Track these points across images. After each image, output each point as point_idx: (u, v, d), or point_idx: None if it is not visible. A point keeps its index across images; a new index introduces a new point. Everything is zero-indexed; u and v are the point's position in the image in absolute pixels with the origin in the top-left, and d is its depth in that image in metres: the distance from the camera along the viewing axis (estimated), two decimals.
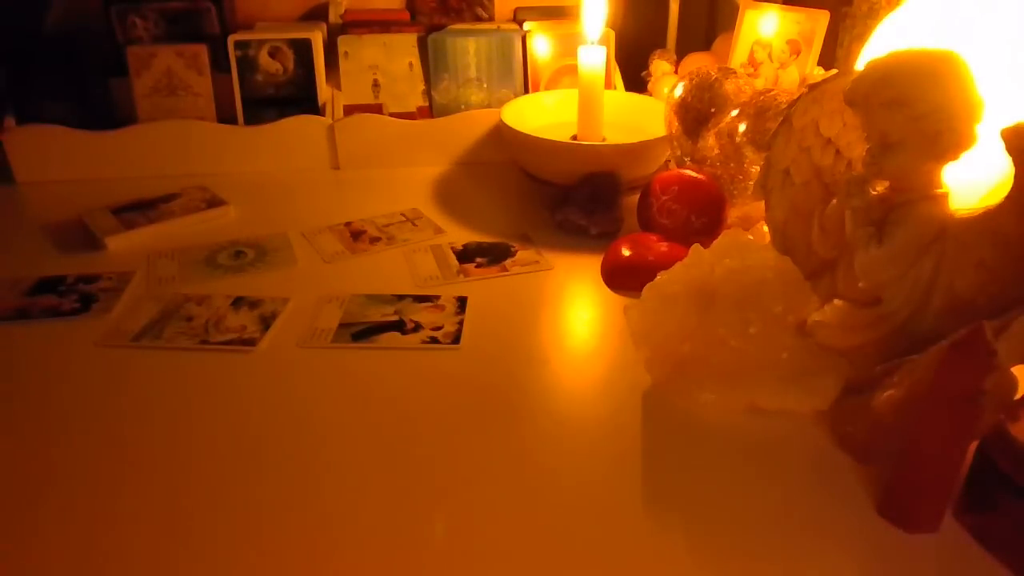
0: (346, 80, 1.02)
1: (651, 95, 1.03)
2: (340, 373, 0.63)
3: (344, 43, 1.00)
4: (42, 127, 0.94)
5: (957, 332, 0.44)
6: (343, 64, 1.01)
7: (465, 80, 1.02)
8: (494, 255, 0.80)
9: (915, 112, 0.49)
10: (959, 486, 0.48)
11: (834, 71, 0.85)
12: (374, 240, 0.83)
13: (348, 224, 0.86)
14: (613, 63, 1.06)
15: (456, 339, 0.66)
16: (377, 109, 1.02)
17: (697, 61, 1.01)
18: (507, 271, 0.77)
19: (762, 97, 0.78)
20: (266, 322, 0.68)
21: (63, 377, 0.62)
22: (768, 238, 0.65)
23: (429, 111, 1.03)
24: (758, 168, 0.71)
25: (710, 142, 0.81)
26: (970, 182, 0.55)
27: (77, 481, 0.52)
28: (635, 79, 1.08)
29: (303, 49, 0.98)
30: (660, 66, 1.04)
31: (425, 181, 0.98)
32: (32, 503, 0.50)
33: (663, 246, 0.74)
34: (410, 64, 1.02)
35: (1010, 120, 0.47)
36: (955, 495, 0.48)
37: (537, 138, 0.87)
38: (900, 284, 0.53)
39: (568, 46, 1.01)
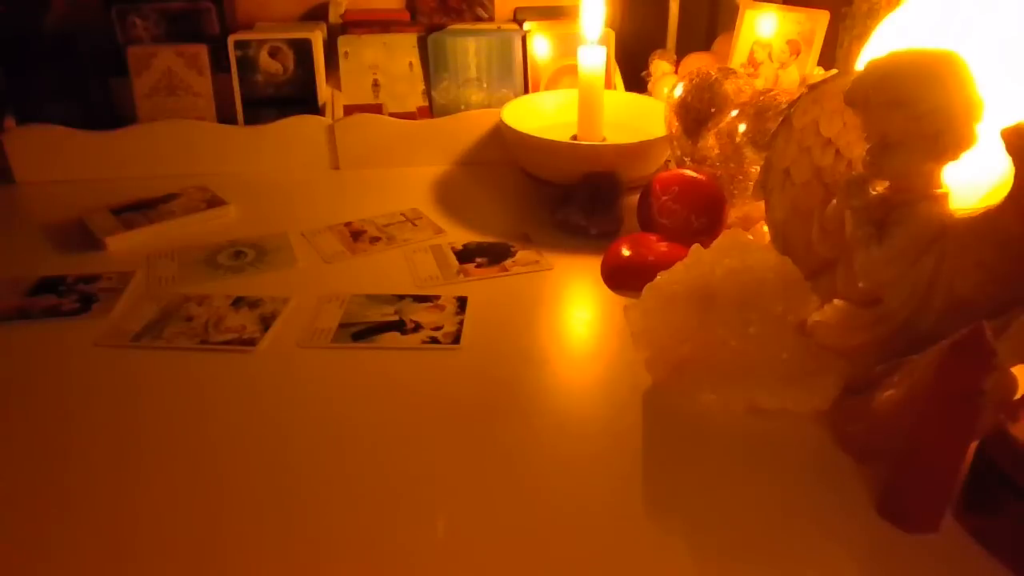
0: (346, 80, 1.02)
1: (651, 95, 1.03)
2: (340, 373, 0.63)
3: (344, 43, 1.00)
4: (42, 127, 0.95)
5: (957, 332, 0.44)
6: (343, 64, 1.01)
7: (465, 80, 1.02)
8: (494, 255, 0.80)
9: (915, 112, 0.49)
10: (959, 486, 0.48)
11: (834, 71, 0.85)
12: (374, 240, 0.83)
13: (348, 224, 0.86)
14: (613, 63, 1.06)
15: (456, 339, 0.66)
16: (377, 109, 1.02)
17: (697, 61, 1.01)
18: (507, 271, 0.77)
19: (762, 97, 0.78)
20: (266, 322, 0.68)
21: (63, 377, 0.62)
22: (768, 238, 0.65)
23: (429, 111, 1.03)
24: (758, 168, 0.71)
25: (710, 142, 0.81)
26: (970, 182, 0.55)
27: (77, 481, 0.52)
28: (635, 79, 1.08)
29: (303, 49, 0.98)
30: (660, 66, 1.04)
31: (425, 181, 0.98)
32: (32, 503, 0.50)
33: (663, 246, 0.74)
34: (410, 64, 1.02)
35: (1010, 120, 0.47)
36: (955, 495, 0.48)
37: (537, 138, 0.87)
38: (900, 284, 0.53)
39: (568, 46, 1.01)
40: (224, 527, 0.48)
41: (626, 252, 0.74)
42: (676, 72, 1.03)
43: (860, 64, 0.56)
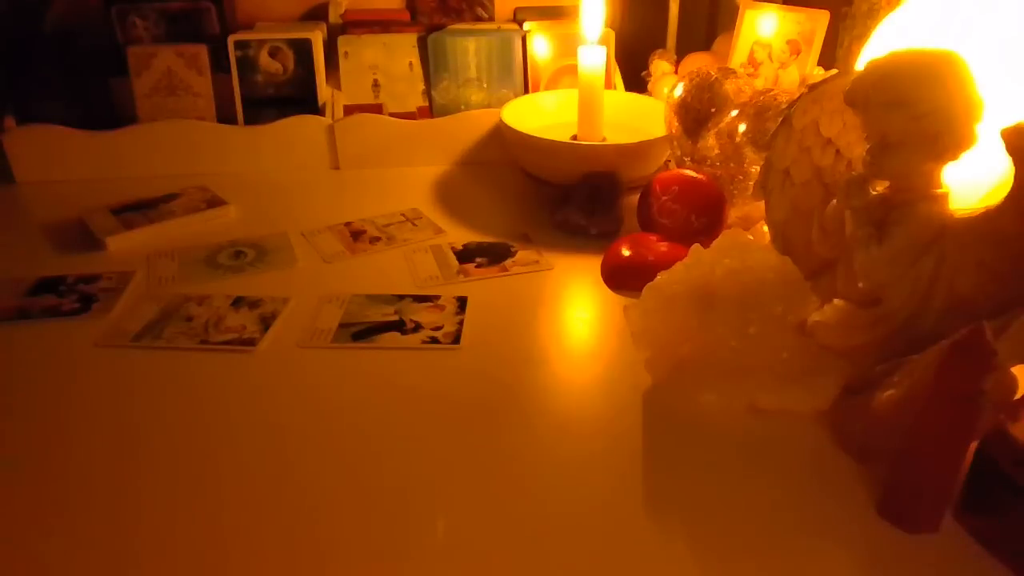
0: (346, 80, 1.02)
1: (651, 95, 1.03)
2: (340, 373, 0.63)
3: (344, 43, 1.00)
4: (42, 127, 0.94)
5: (957, 332, 0.44)
6: (343, 64, 1.01)
7: (465, 80, 1.02)
8: (494, 255, 0.80)
9: (915, 112, 0.49)
10: (959, 486, 0.48)
11: (834, 71, 0.85)
12: (374, 240, 0.83)
13: (348, 224, 0.86)
14: (613, 63, 1.06)
15: (456, 339, 0.66)
16: (377, 109, 1.02)
17: (697, 61, 1.01)
18: (507, 271, 0.77)
19: (762, 97, 0.78)
20: (266, 322, 0.68)
21: (63, 377, 0.62)
22: (768, 238, 0.65)
23: (429, 111, 1.03)
24: (758, 168, 0.71)
25: (710, 142, 0.81)
26: (970, 182, 0.55)
27: (77, 481, 0.52)
28: (635, 79, 1.08)
29: (303, 49, 0.98)
30: (660, 66, 1.04)
31: (425, 181, 0.98)
32: (32, 502, 0.50)
33: (663, 246, 0.74)
34: (410, 64, 1.02)
35: (1010, 120, 0.47)
36: (955, 495, 0.48)
37: (537, 138, 0.87)
38: (900, 284, 0.53)
39: (568, 46, 1.01)
40: (224, 527, 0.48)
41: (626, 252, 0.74)
42: (676, 72, 1.03)
43: (860, 64, 0.56)
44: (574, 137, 0.92)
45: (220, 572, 0.46)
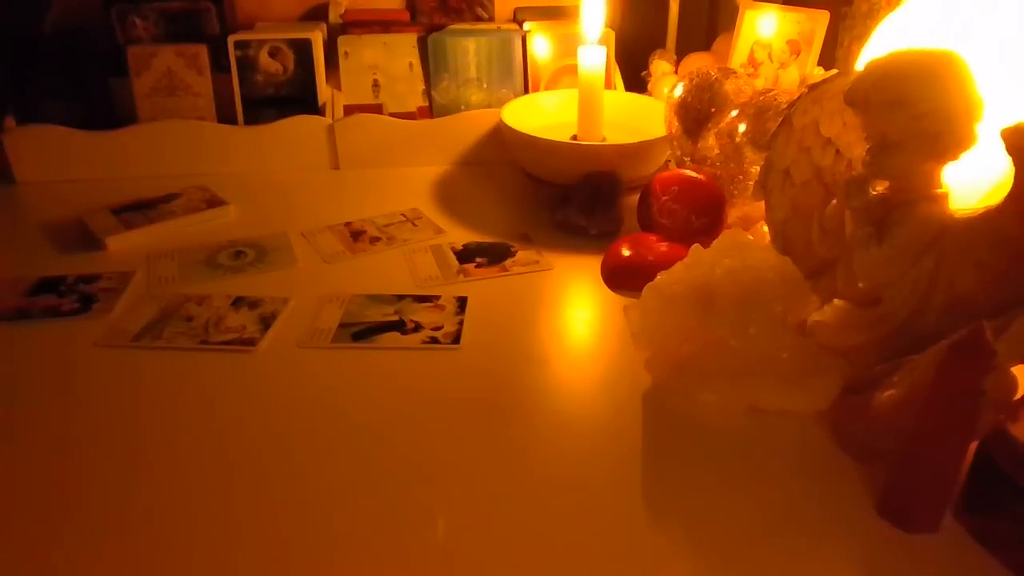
0: (346, 80, 1.02)
1: (651, 95, 1.03)
2: (340, 373, 0.63)
3: (344, 43, 1.00)
4: (42, 127, 0.95)
5: (957, 332, 0.44)
6: (343, 64, 1.01)
7: (465, 80, 1.02)
8: (494, 255, 0.80)
9: (915, 112, 0.49)
10: (959, 486, 0.48)
11: (834, 71, 0.85)
12: (374, 240, 0.83)
13: (348, 224, 0.86)
14: (613, 63, 1.06)
15: (456, 339, 0.66)
16: (377, 109, 1.02)
17: (697, 61, 1.01)
18: (507, 271, 0.77)
19: (762, 97, 0.78)
20: (266, 322, 0.68)
21: (63, 377, 0.62)
22: (768, 238, 0.65)
23: (429, 111, 1.03)
24: (758, 168, 0.71)
25: (710, 142, 0.81)
26: (970, 182, 0.55)
27: (77, 481, 0.52)
28: (635, 79, 1.08)
29: (303, 49, 0.98)
30: (660, 66, 1.04)
31: (425, 181, 0.98)
32: (32, 503, 0.50)
33: (663, 246, 0.74)
34: (410, 64, 1.02)
35: (1010, 120, 0.47)
36: (955, 495, 0.48)
37: (537, 138, 0.87)
38: (900, 284, 0.53)
39: (568, 46, 1.01)
40: (225, 527, 0.48)
41: (626, 252, 0.74)
42: (676, 72, 1.03)
43: (860, 64, 0.56)
44: (574, 137, 0.92)
45: (221, 569, 0.46)
